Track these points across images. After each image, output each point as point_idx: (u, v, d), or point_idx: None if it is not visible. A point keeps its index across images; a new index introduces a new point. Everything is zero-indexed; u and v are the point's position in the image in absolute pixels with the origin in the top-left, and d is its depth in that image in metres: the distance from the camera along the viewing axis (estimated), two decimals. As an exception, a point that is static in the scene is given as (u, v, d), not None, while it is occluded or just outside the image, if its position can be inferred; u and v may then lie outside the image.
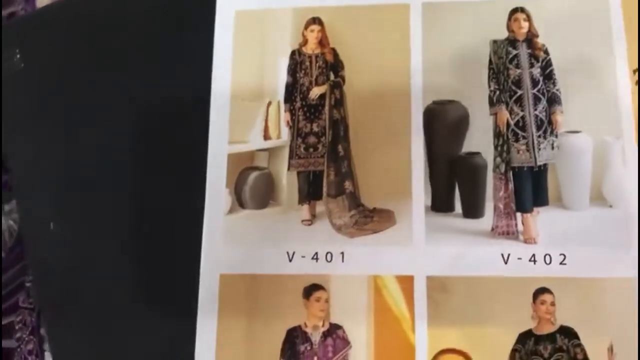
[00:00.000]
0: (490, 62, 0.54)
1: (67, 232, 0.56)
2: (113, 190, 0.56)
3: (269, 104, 0.57)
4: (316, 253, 0.52)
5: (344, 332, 0.50)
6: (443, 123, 0.54)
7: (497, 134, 0.53)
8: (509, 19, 0.55)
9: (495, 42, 0.55)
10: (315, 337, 0.50)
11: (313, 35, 0.56)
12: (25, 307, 0.80)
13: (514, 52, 0.54)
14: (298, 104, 0.56)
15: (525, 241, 0.51)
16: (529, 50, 0.54)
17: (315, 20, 0.57)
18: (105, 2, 0.60)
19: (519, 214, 0.52)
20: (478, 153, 0.54)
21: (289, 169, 0.56)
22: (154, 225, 0.54)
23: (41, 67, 0.60)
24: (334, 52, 0.56)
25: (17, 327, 0.79)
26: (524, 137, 0.53)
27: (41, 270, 0.57)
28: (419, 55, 0.55)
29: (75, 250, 0.55)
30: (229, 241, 0.53)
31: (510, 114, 0.53)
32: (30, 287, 0.84)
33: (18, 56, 0.60)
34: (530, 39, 0.54)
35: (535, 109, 0.53)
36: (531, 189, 0.53)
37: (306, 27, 0.57)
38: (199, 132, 0.55)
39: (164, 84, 0.56)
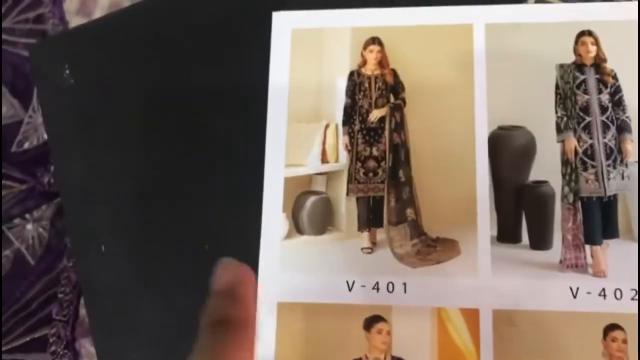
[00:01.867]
0: (557, 87, 0.53)
1: (119, 254, 0.55)
2: (166, 213, 0.54)
3: (327, 126, 0.55)
4: (377, 283, 0.50)
5: (406, 366, 0.49)
6: (509, 150, 0.52)
7: (565, 162, 0.52)
8: (576, 42, 0.53)
9: (561, 66, 0.53)
10: (377, 371, 0.49)
11: (372, 56, 0.55)
12: (59, 320, 0.79)
13: (582, 77, 0.52)
14: (357, 127, 0.55)
15: (595, 274, 0.49)
16: (597, 76, 0.52)
17: (375, 41, 0.55)
18: (157, 18, 0.59)
19: (588, 247, 0.50)
20: (546, 182, 0.52)
21: (347, 194, 0.55)
22: (212, 250, 0.53)
23: (91, 83, 0.59)
24: (394, 73, 0.55)
25: (51, 341, 0.78)
26: (592, 166, 0.51)
27: (94, 294, 0.55)
28: (482, 78, 0.53)
29: (127, 273, 0.54)
30: (287, 268, 0.52)
31: (578, 141, 0.52)
32: (62, 299, 0.83)
33: (67, 72, 0.59)
34: (599, 64, 0.53)
35: (604, 137, 0.52)
36: (600, 220, 0.51)
37: (365, 47, 0.55)
38: (255, 155, 0.53)
39: (220, 106, 0.55)
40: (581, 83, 0.52)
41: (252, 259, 0.52)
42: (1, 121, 0.98)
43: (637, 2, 0.53)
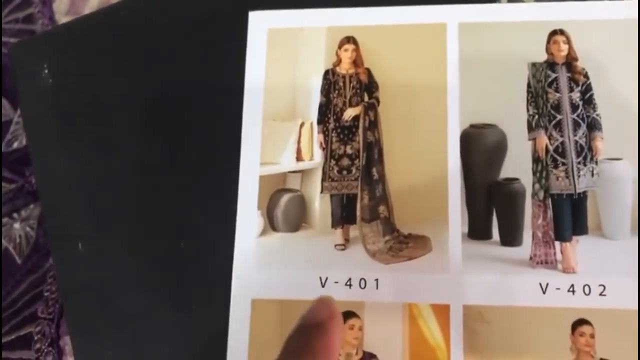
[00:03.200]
0: (529, 85, 0.53)
1: (96, 251, 0.55)
2: (143, 211, 0.55)
3: (302, 124, 0.56)
4: (349, 279, 0.51)
5: (378, 361, 0.50)
6: (480, 147, 0.53)
7: (536, 160, 0.52)
8: (548, 41, 0.54)
9: (534, 65, 0.54)
10: (349, 366, 0.50)
11: (347, 55, 0.56)
12: (44, 318, 0.80)
13: (553, 75, 0.53)
14: (331, 125, 0.55)
15: (564, 271, 0.50)
16: (569, 74, 0.53)
17: (350, 40, 0.56)
18: (134, 18, 0.59)
19: (557, 243, 0.51)
20: (516, 179, 0.53)
21: (322, 191, 0.55)
22: (187, 247, 0.53)
23: (69, 84, 0.59)
24: (368, 72, 0.55)
25: (36, 338, 0.79)
26: (563, 164, 0.52)
27: (71, 293, 0.56)
28: (455, 77, 0.54)
29: (104, 270, 0.55)
30: (261, 264, 0.52)
31: (550, 139, 0.52)
32: (48, 297, 0.84)
33: (46, 71, 0.60)
34: (570, 63, 0.53)
35: (575, 135, 0.52)
36: (570, 217, 0.52)
37: (340, 47, 0.56)
38: (230, 153, 0.54)
39: (196, 103, 0.55)
40: (553, 81, 0.53)
41: (227, 257, 0.52)
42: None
43: (610, 2, 0.54)
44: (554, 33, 0.53)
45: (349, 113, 0.55)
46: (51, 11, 1.01)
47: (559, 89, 0.53)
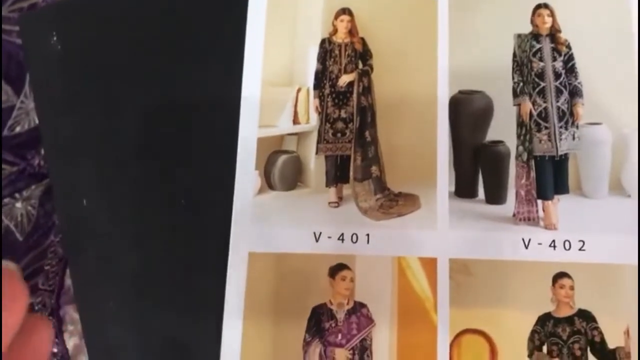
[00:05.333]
0: (515, 55, 0.56)
1: (99, 207, 0.58)
2: (145, 169, 0.57)
3: (299, 90, 0.58)
4: (342, 234, 0.53)
5: (368, 310, 0.52)
6: (468, 112, 0.56)
7: (520, 124, 0.55)
8: (533, 14, 0.56)
9: (519, 36, 0.56)
10: (340, 315, 0.52)
11: (343, 25, 0.58)
12: (45, 289, 0.82)
13: (538, 45, 0.56)
14: (327, 91, 0.58)
15: (546, 227, 0.53)
16: (552, 45, 0.56)
17: (345, 11, 0.58)
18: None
19: (539, 201, 0.54)
20: (502, 142, 0.56)
21: (317, 153, 0.58)
22: (188, 204, 0.55)
23: (77, 50, 0.62)
24: (362, 41, 0.58)
25: (36, 308, 0.81)
26: (546, 128, 0.55)
27: (75, 246, 0.58)
28: (445, 47, 0.56)
29: (107, 225, 0.57)
30: (258, 221, 0.55)
31: (533, 105, 0.55)
32: (49, 271, 0.86)
33: (55, 39, 0.62)
34: (554, 34, 0.56)
35: (558, 101, 0.55)
36: (552, 177, 0.55)
37: (336, 17, 0.59)
38: (230, 116, 0.56)
39: (197, 68, 0.58)
40: (537, 51, 0.56)
41: (226, 213, 0.55)
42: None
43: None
44: (538, 7, 0.56)
45: (344, 79, 0.58)
46: (54, 1, 1.04)
47: (542, 58, 0.56)
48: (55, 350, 0.77)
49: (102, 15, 0.62)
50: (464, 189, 0.55)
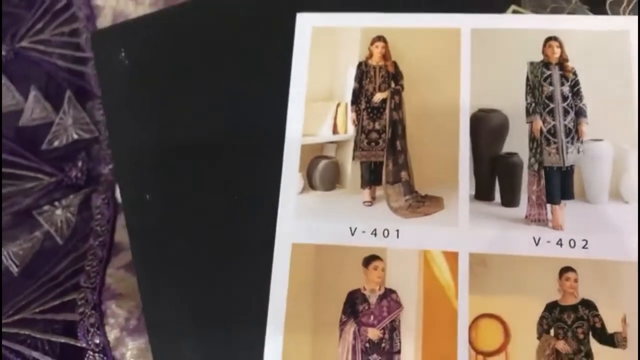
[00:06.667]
0: (528, 79, 0.64)
1: (161, 202, 0.65)
2: (202, 169, 0.65)
3: (338, 104, 0.67)
4: (375, 229, 0.61)
5: (397, 296, 0.59)
6: (487, 128, 0.63)
7: (532, 139, 0.63)
8: (544, 45, 0.64)
9: (532, 63, 0.64)
10: (373, 299, 0.59)
11: (378, 50, 0.67)
12: (87, 287, 0.89)
13: (548, 72, 0.64)
14: (363, 106, 0.66)
15: (554, 228, 0.60)
16: (561, 72, 0.64)
17: (380, 38, 0.67)
18: (198, 17, 0.71)
19: (549, 205, 0.61)
20: (516, 153, 0.63)
21: (353, 159, 0.66)
22: (240, 200, 0.63)
23: (142, 64, 0.71)
24: (394, 64, 0.66)
25: (79, 303, 0.88)
26: (554, 142, 0.63)
27: (139, 235, 0.66)
28: (467, 71, 0.64)
29: (168, 218, 0.65)
30: (301, 216, 0.62)
31: (544, 122, 0.63)
32: (90, 271, 0.93)
33: (123, 54, 0.71)
34: (562, 63, 0.64)
35: (565, 120, 0.63)
36: (559, 185, 0.62)
37: (372, 43, 0.67)
38: (278, 125, 0.65)
39: (252, 86, 0.66)
40: (547, 77, 0.64)
41: (272, 209, 0.62)
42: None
43: (594, 17, 0.66)
44: (549, 39, 0.64)
45: (378, 97, 0.66)
46: (94, 26, 1.13)
47: (552, 83, 0.64)
48: (97, 341, 0.84)
49: (163, 33, 0.71)
50: (482, 193, 0.62)
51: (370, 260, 0.60)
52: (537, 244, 0.59)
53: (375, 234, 0.60)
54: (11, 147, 1.12)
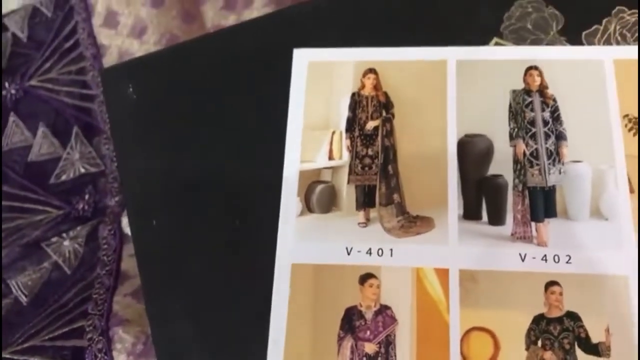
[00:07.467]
0: (510, 106, 0.68)
1: (167, 228, 0.69)
2: (205, 196, 0.69)
3: (334, 132, 0.71)
4: (370, 248, 0.64)
5: (392, 311, 0.62)
6: (473, 152, 0.67)
7: (516, 161, 0.67)
8: (525, 74, 0.68)
9: (514, 91, 0.68)
10: (369, 315, 0.62)
11: (369, 82, 0.71)
12: (94, 314, 0.92)
13: (529, 99, 0.68)
14: (356, 133, 0.70)
15: (538, 244, 0.62)
16: (541, 99, 0.68)
17: (372, 70, 0.71)
18: (200, 54, 0.76)
19: (533, 223, 0.64)
20: (501, 175, 0.66)
21: (348, 183, 0.70)
22: (241, 225, 0.67)
23: (149, 99, 0.75)
24: (386, 94, 0.71)
25: (87, 330, 0.91)
26: (537, 164, 0.66)
27: (146, 259, 0.69)
28: (453, 99, 0.68)
29: (173, 242, 0.68)
30: (299, 237, 0.65)
31: (526, 146, 0.67)
32: (97, 298, 0.96)
33: (130, 89, 0.75)
34: (542, 90, 0.68)
35: (546, 143, 0.67)
36: (543, 204, 0.65)
37: (364, 75, 0.71)
38: (277, 153, 0.69)
39: (252, 117, 0.70)
40: (529, 104, 0.68)
41: (272, 232, 0.66)
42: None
43: (572, 47, 0.70)
44: (529, 68, 0.68)
45: (371, 124, 0.70)
46: (101, 65, 1.18)
47: (533, 109, 0.68)
48: (105, 366, 0.86)
49: (168, 70, 0.76)
50: (470, 213, 0.65)
51: (365, 278, 0.63)
52: (523, 260, 0.62)
53: (370, 253, 0.64)
54: (20, 182, 1.16)
